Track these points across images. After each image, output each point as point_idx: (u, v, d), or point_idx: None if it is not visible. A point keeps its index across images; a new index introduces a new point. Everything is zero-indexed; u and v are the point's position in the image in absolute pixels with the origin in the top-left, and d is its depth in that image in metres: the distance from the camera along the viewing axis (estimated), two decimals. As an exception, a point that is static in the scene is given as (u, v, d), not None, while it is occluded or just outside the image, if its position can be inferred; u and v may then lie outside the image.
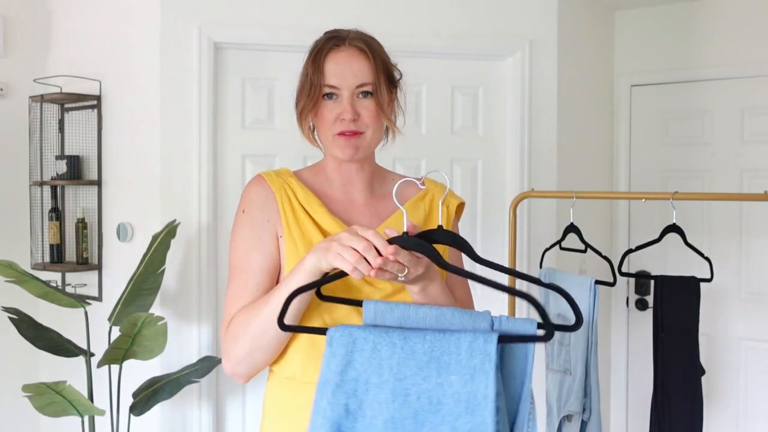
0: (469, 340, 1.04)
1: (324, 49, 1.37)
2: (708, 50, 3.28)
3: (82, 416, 2.40)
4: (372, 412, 1.06)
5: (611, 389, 3.50)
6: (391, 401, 1.05)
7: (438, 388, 1.04)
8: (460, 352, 1.04)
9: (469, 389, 1.03)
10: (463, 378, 1.03)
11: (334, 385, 1.07)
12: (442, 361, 1.05)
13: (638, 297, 3.44)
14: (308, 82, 1.36)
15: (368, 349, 1.07)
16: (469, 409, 1.02)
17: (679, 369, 2.29)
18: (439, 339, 1.06)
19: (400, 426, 1.05)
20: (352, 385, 1.07)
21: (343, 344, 1.08)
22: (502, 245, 2.87)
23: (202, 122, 2.66)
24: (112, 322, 2.49)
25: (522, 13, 2.95)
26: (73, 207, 2.93)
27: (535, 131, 2.96)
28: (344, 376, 1.07)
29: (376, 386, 1.06)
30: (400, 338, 1.07)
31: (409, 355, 1.06)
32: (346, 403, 1.07)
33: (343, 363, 1.08)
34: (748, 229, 3.19)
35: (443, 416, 1.04)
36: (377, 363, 1.07)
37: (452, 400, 1.03)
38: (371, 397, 1.06)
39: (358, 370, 1.07)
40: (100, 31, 2.86)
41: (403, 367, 1.06)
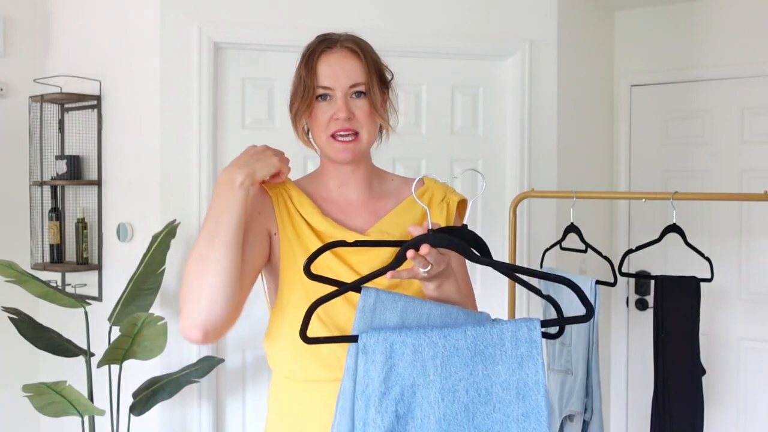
0: (512, 330, 1.08)
1: (316, 52, 1.38)
2: (708, 50, 3.28)
3: (82, 416, 2.40)
4: (422, 413, 1.07)
5: (611, 389, 3.50)
6: (440, 400, 1.07)
7: (486, 380, 1.07)
8: (504, 342, 1.08)
9: (518, 377, 1.07)
10: (510, 367, 1.07)
11: (380, 393, 1.06)
12: (487, 354, 1.08)
13: (638, 297, 3.44)
14: (301, 85, 1.37)
15: (409, 352, 1.07)
16: (520, 396, 1.06)
17: (680, 369, 2.29)
18: (481, 332, 1.08)
19: (453, 421, 1.06)
20: (398, 390, 1.07)
21: (380, 351, 1.07)
22: (502, 245, 2.87)
23: (202, 122, 2.66)
24: (112, 322, 2.49)
25: (522, 13, 2.95)
26: (73, 207, 2.93)
27: (535, 131, 2.96)
28: (388, 382, 1.07)
29: (423, 387, 1.07)
30: (440, 336, 1.08)
31: (453, 352, 1.07)
32: (396, 409, 1.07)
33: (385, 369, 1.07)
34: (748, 229, 3.19)
35: (494, 404, 1.07)
36: (421, 364, 1.07)
37: (501, 388, 1.07)
38: (419, 398, 1.07)
39: (402, 374, 1.07)
40: (100, 31, 2.86)
41: (447, 364, 1.07)
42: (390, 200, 1.48)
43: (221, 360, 2.60)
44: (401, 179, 1.54)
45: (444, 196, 1.48)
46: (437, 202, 1.47)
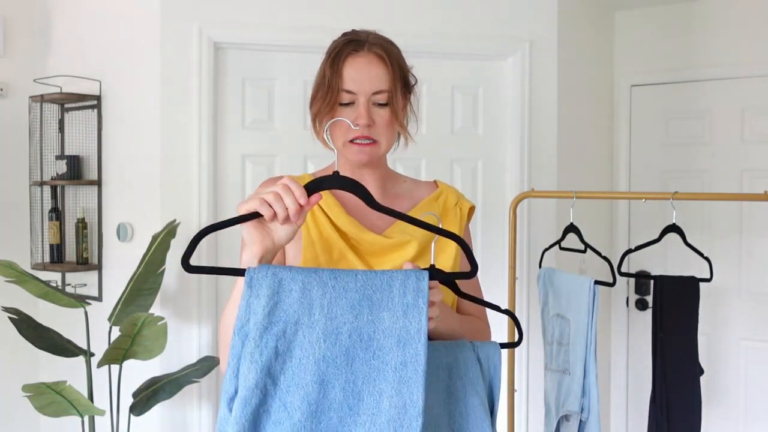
0: (401, 278, 1.07)
1: (343, 53, 1.35)
2: (708, 50, 3.28)
3: (82, 416, 2.41)
4: (302, 352, 1.05)
5: (611, 389, 3.50)
6: (322, 340, 1.05)
7: (369, 325, 1.06)
8: (392, 289, 1.07)
9: (401, 324, 1.05)
10: (395, 314, 1.06)
11: (262, 327, 1.05)
12: (374, 299, 1.06)
13: (638, 297, 3.44)
14: (326, 85, 1.35)
15: (297, 289, 1.06)
16: (400, 344, 1.05)
17: (679, 369, 2.29)
18: (371, 277, 1.07)
19: (332, 364, 1.04)
20: (281, 326, 1.05)
21: (268, 285, 1.06)
22: (502, 245, 2.87)
23: (202, 122, 2.66)
24: (112, 322, 2.49)
25: (522, 13, 2.95)
26: (73, 207, 2.93)
27: (535, 131, 2.96)
28: (272, 317, 1.05)
29: (306, 326, 1.05)
30: (330, 277, 1.07)
31: (341, 293, 1.06)
32: (276, 345, 1.05)
33: (270, 304, 1.05)
34: (748, 229, 3.19)
35: (374, 351, 1.05)
36: (308, 303, 1.06)
37: (383, 335, 1.05)
38: (301, 337, 1.05)
39: (287, 311, 1.05)
40: (100, 31, 2.86)
41: (334, 306, 1.06)
42: (404, 201, 1.47)
43: (221, 360, 2.60)
44: (413, 181, 1.54)
45: (457, 200, 1.50)
46: (451, 206, 1.48)
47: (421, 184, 1.53)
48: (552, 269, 2.54)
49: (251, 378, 1.04)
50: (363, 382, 1.05)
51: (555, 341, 2.42)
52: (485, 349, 1.30)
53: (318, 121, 1.39)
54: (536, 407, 2.89)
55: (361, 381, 1.05)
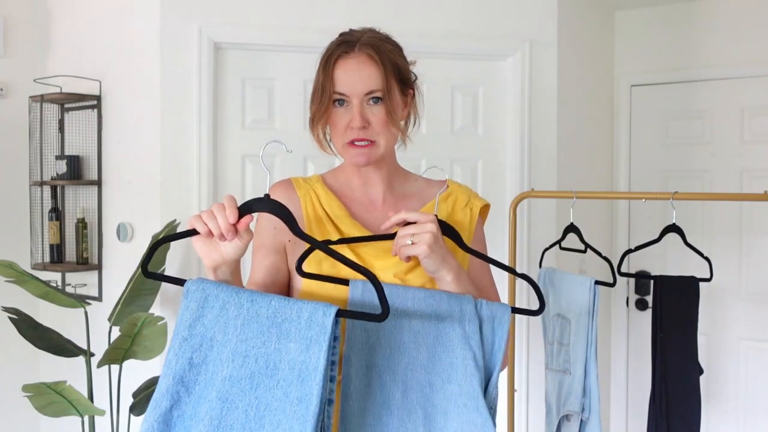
0: (309, 311, 1.08)
1: (334, 56, 1.35)
2: (708, 50, 3.28)
3: (82, 416, 2.40)
4: (214, 367, 1.08)
5: (611, 389, 3.50)
6: (231, 360, 1.07)
7: (276, 353, 1.07)
8: (300, 321, 1.08)
9: (304, 358, 1.06)
10: (299, 347, 1.07)
11: (182, 338, 1.09)
12: (283, 328, 1.08)
13: (638, 297, 3.44)
14: (320, 88, 1.36)
15: (218, 306, 1.10)
16: (300, 378, 1.06)
17: (678, 369, 2.29)
18: (283, 306, 1.09)
19: (237, 384, 1.07)
20: (198, 340, 1.09)
21: (196, 299, 1.10)
22: (502, 245, 2.87)
23: (202, 122, 2.66)
24: (112, 322, 2.49)
25: (522, 13, 2.95)
26: (73, 207, 2.93)
27: (535, 131, 2.96)
28: (192, 330, 1.10)
29: (220, 343, 1.09)
30: (247, 300, 1.10)
31: (254, 317, 1.09)
32: (191, 357, 1.09)
33: (193, 317, 1.10)
34: (748, 229, 3.19)
35: (277, 381, 1.07)
36: (224, 321, 1.09)
37: (287, 366, 1.07)
38: (215, 353, 1.09)
39: (206, 326, 1.10)
40: (100, 31, 2.86)
41: (246, 328, 1.08)
42: (413, 201, 1.47)
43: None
44: (425, 180, 1.53)
45: (468, 200, 1.49)
46: (461, 206, 1.48)
47: (433, 184, 1.51)
48: (552, 269, 2.54)
49: (163, 383, 1.08)
50: (265, 409, 1.06)
51: (556, 341, 2.42)
52: (491, 308, 1.29)
53: (314, 125, 1.39)
54: (536, 407, 2.89)
55: (264, 408, 1.06)
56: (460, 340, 1.25)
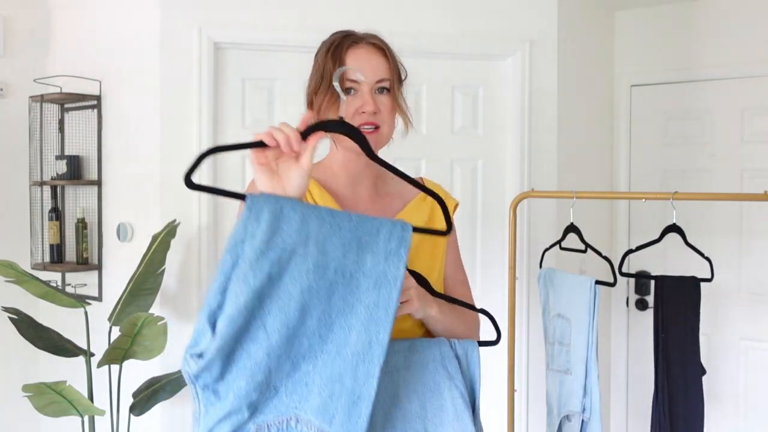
0: (389, 226, 1.13)
1: (343, 45, 1.40)
2: (708, 50, 3.27)
3: (82, 416, 2.40)
4: (291, 280, 1.07)
5: (611, 389, 3.50)
6: (312, 272, 1.08)
7: (354, 265, 1.11)
8: (379, 234, 1.12)
9: (381, 268, 1.11)
10: (377, 258, 1.11)
11: (259, 251, 1.06)
12: (362, 241, 1.11)
13: (638, 297, 3.44)
14: (323, 75, 1.39)
15: (297, 219, 1.08)
16: (377, 286, 1.11)
17: (680, 369, 2.29)
18: (363, 220, 1.12)
19: (315, 295, 1.08)
20: (277, 253, 1.06)
21: (268, 210, 1.07)
22: (502, 245, 2.87)
23: (202, 122, 2.66)
24: (112, 322, 2.49)
25: (522, 13, 2.95)
26: (73, 207, 2.93)
27: (535, 131, 2.96)
28: (270, 243, 1.06)
29: (300, 256, 1.07)
30: (328, 214, 1.11)
31: (336, 231, 1.10)
32: (269, 271, 1.06)
33: (270, 230, 1.06)
34: (748, 229, 3.19)
35: (352, 289, 1.10)
36: (305, 234, 1.08)
37: (363, 276, 1.11)
38: (293, 265, 1.07)
39: (285, 239, 1.07)
40: (100, 31, 2.86)
41: (327, 241, 1.09)
42: (395, 200, 1.49)
43: (221, 360, 2.60)
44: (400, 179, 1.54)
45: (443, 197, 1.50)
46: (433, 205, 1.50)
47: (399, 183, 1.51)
48: (552, 269, 2.54)
49: (242, 299, 1.05)
50: (336, 315, 1.09)
51: (556, 341, 2.42)
52: (463, 346, 1.35)
53: (322, 114, 1.39)
54: (536, 407, 2.89)
55: (335, 314, 1.09)
56: (446, 382, 1.28)
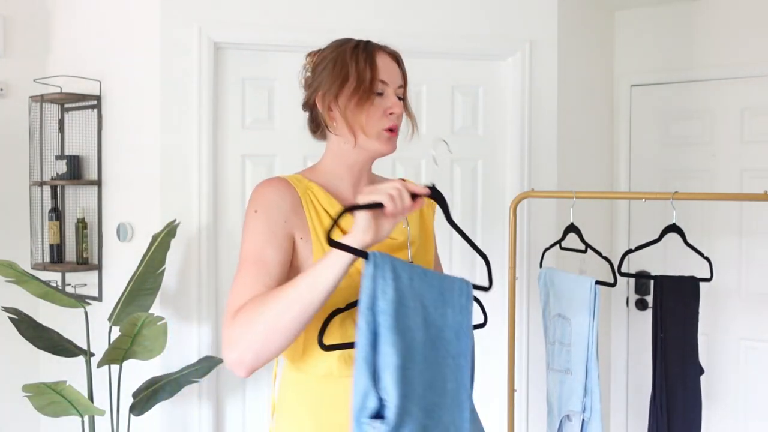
0: (459, 283, 1.31)
1: (370, 46, 1.43)
2: (708, 50, 3.28)
3: (82, 416, 2.40)
4: (414, 332, 1.20)
5: (611, 389, 3.50)
6: (421, 325, 1.21)
7: (441, 318, 1.26)
8: (453, 290, 1.29)
9: (459, 320, 1.28)
10: (454, 311, 1.28)
11: (393, 308, 1.17)
12: (445, 297, 1.27)
13: (638, 297, 3.44)
14: (357, 77, 1.39)
15: (406, 276, 1.21)
16: (457, 336, 1.27)
17: (679, 369, 2.29)
18: (443, 278, 1.29)
19: (429, 347, 1.22)
20: (402, 308, 1.19)
21: (389, 269, 1.18)
22: (502, 245, 2.87)
23: (202, 122, 2.66)
24: (112, 322, 2.49)
25: (522, 13, 2.95)
26: (73, 207, 2.93)
27: (535, 131, 2.96)
28: (397, 300, 1.18)
29: (412, 310, 1.20)
30: (420, 272, 1.25)
31: (428, 287, 1.25)
32: (400, 325, 1.17)
33: (392, 286, 1.18)
34: (748, 229, 3.19)
35: (442, 341, 1.25)
36: (413, 290, 1.21)
37: (447, 327, 1.26)
38: (410, 320, 1.20)
39: (403, 295, 1.19)
40: (100, 32, 2.86)
41: (424, 297, 1.24)
42: None
43: (221, 360, 2.60)
44: (381, 179, 1.60)
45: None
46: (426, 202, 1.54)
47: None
48: (552, 269, 2.54)
49: (395, 354, 1.15)
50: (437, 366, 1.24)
51: (557, 341, 2.42)
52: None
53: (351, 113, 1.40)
54: (536, 407, 2.89)
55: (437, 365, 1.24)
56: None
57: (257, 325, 1.20)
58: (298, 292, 1.19)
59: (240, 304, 1.25)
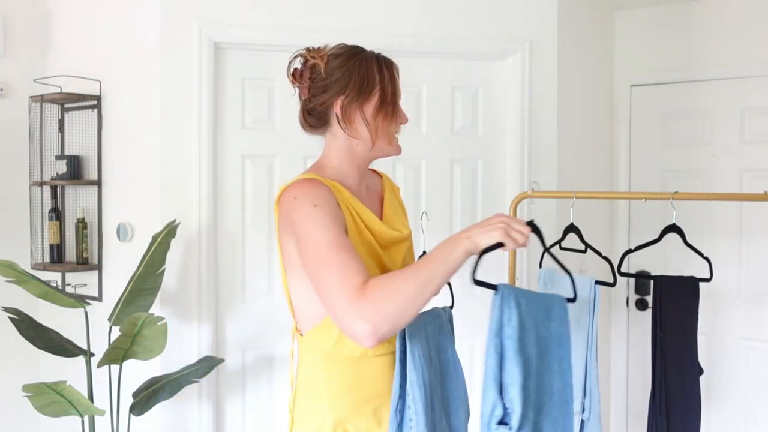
0: (558, 299, 1.55)
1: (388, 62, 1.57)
2: (708, 50, 3.28)
3: (82, 416, 2.40)
4: (530, 350, 1.45)
5: (611, 389, 3.50)
6: (535, 342, 1.46)
7: (546, 332, 1.49)
8: (554, 306, 1.52)
9: (560, 331, 1.52)
10: (556, 324, 1.52)
11: (516, 332, 1.42)
12: (549, 313, 1.50)
13: (638, 297, 3.44)
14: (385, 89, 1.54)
15: (524, 303, 1.45)
16: (558, 345, 1.52)
17: (678, 369, 2.29)
18: (545, 297, 1.55)
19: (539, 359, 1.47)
20: (523, 331, 1.44)
21: (513, 298, 1.44)
22: (502, 245, 2.86)
23: (202, 122, 2.66)
24: (112, 322, 2.49)
25: (522, 13, 2.95)
26: (73, 207, 2.93)
27: (535, 131, 2.96)
28: (520, 325, 1.43)
29: (527, 330, 1.45)
30: (532, 295, 1.50)
31: (537, 308, 1.48)
32: (521, 347, 1.43)
33: (516, 314, 1.43)
34: (748, 229, 3.19)
35: (549, 350, 1.50)
36: (528, 314, 1.45)
37: (551, 338, 1.50)
38: (527, 339, 1.44)
39: (520, 320, 1.43)
40: (100, 31, 2.86)
41: (536, 317, 1.47)
42: (373, 193, 1.65)
43: (221, 360, 2.60)
44: (372, 172, 1.73)
45: (392, 184, 1.76)
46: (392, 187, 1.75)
47: (371, 174, 1.71)
48: (552, 269, 2.53)
49: (518, 371, 1.41)
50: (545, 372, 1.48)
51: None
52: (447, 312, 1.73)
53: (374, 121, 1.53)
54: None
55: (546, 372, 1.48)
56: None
57: (397, 301, 1.29)
58: (432, 273, 1.31)
59: (356, 284, 1.31)
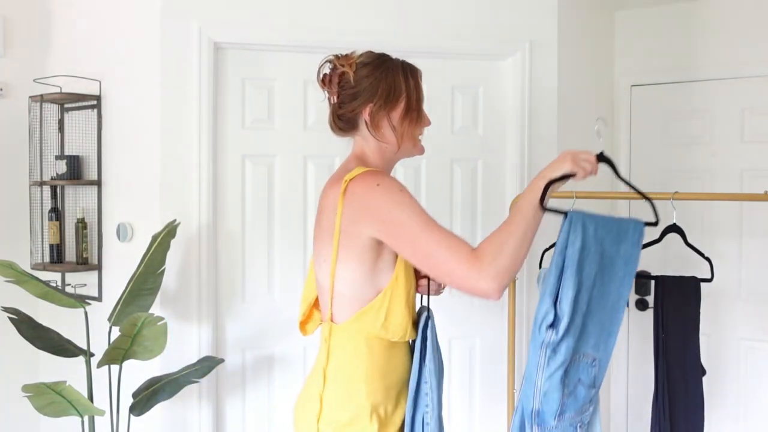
0: (634, 222, 1.72)
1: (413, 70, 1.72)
2: (708, 50, 3.27)
3: (82, 416, 2.40)
4: (589, 267, 1.65)
5: (611, 389, 3.50)
6: (597, 261, 1.65)
7: (615, 252, 1.68)
8: (628, 230, 1.70)
9: (630, 252, 1.70)
10: (627, 245, 1.70)
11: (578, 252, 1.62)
12: (621, 236, 1.68)
13: (638, 297, 3.44)
14: (411, 97, 1.70)
15: (592, 228, 1.64)
16: (626, 263, 1.70)
17: (681, 369, 2.29)
18: (620, 222, 1.71)
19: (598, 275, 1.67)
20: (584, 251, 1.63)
21: (579, 224, 1.63)
22: (502, 245, 2.86)
23: (202, 122, 2.66)
24: (112, 322, 2.49)
25: (522, 13, 2.95)
26: (73, 207, 2.93)
27: (535, 131, 2.96)
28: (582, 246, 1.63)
29: (592, 252, 1.65)
30: (603, 220, 1.67)
31: (608, 231, 1.67)
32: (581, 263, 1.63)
33: (582, 237, 1.63)
34: (748, 229, 3.19)
35: (614, 267, 1.69)
36: (595, 237, 1.64)
37: (618, 257, 1.69)
38: (590, 258, 1.64)
39: (586, 241, 1.63)
40: (100, 31, 2.86)
41: (604, 240, 1.66)
42: None
43: (221, 360, 2.60)
44: None
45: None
46: None
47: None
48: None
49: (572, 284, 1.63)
50: (605, 285, 1.69)
51: (555, 341, 2.42)
52: None
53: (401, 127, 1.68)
54: (536, 407, 2.89)
55: (605, 284, 1.69)
56: None
57: (509, 253, 1.50)
58: (526, 220, 1.54)
59: (468, 251, 1.49)
